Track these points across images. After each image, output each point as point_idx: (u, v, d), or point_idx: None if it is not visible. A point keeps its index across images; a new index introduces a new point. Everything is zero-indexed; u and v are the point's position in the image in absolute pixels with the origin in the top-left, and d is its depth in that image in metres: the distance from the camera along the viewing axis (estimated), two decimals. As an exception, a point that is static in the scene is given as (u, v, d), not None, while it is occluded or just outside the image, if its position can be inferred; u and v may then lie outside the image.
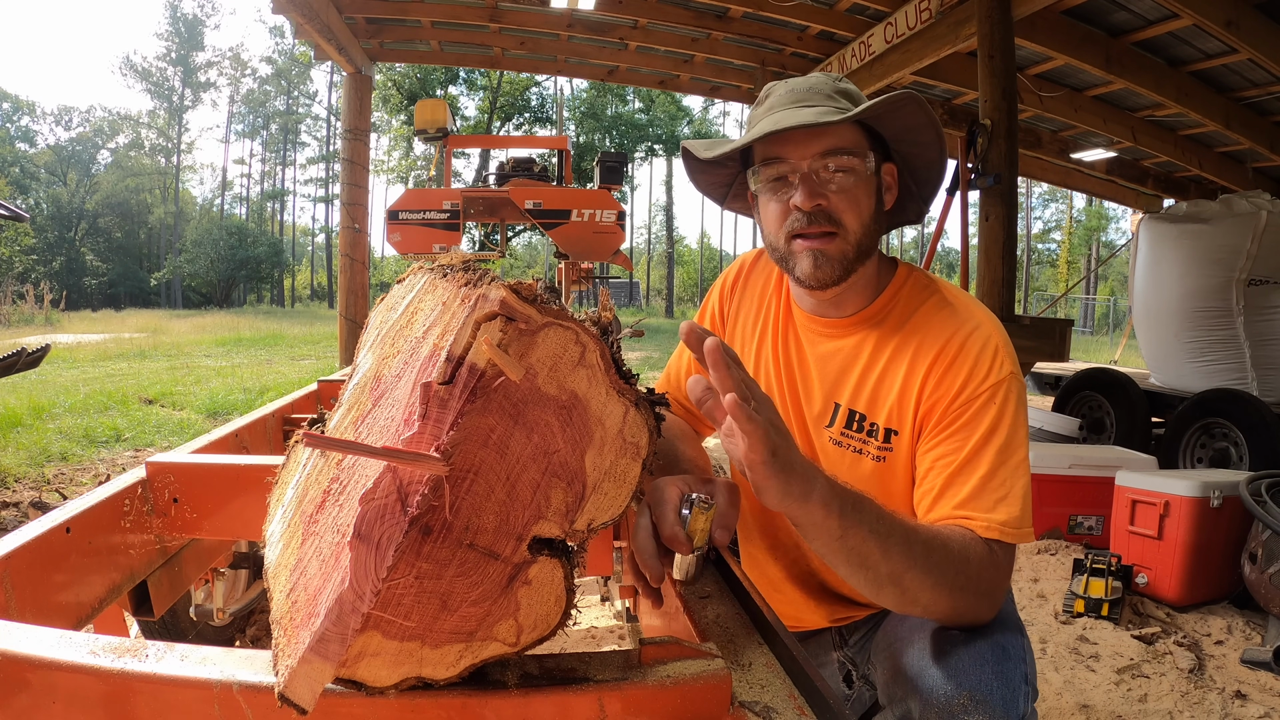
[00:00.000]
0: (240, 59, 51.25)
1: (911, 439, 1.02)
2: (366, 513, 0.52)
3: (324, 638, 0.53)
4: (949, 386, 0.98)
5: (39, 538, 0.94)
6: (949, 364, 0.99)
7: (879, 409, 1.05)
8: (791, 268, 1.04)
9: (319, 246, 51.97)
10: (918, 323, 1.05)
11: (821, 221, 0.99)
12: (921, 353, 1.02)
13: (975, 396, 0.96)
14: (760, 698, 0.65)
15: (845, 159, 0.98)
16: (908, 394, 1.02)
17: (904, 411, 1.02)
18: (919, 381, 1.01)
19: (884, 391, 1.04)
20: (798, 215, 1.00)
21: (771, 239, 1.06)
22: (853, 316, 1.09)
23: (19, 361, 3.89)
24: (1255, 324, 5.10)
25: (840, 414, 1.08)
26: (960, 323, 1.02)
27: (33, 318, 20.02)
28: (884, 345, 1.06)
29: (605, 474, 0.59)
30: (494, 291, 0.53)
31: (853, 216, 1.00)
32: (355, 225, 6.57)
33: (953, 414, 0.97)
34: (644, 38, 6.74)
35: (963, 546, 0.87)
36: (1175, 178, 8.46)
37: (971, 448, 0.94)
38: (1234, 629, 2.89)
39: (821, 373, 1.11)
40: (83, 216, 43.58)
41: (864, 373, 1.07)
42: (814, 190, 0.98)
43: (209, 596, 1.59)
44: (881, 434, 1.04)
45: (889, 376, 1.04)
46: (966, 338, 1.00)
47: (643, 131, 36.54)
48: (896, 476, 1.04)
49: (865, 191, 1.01)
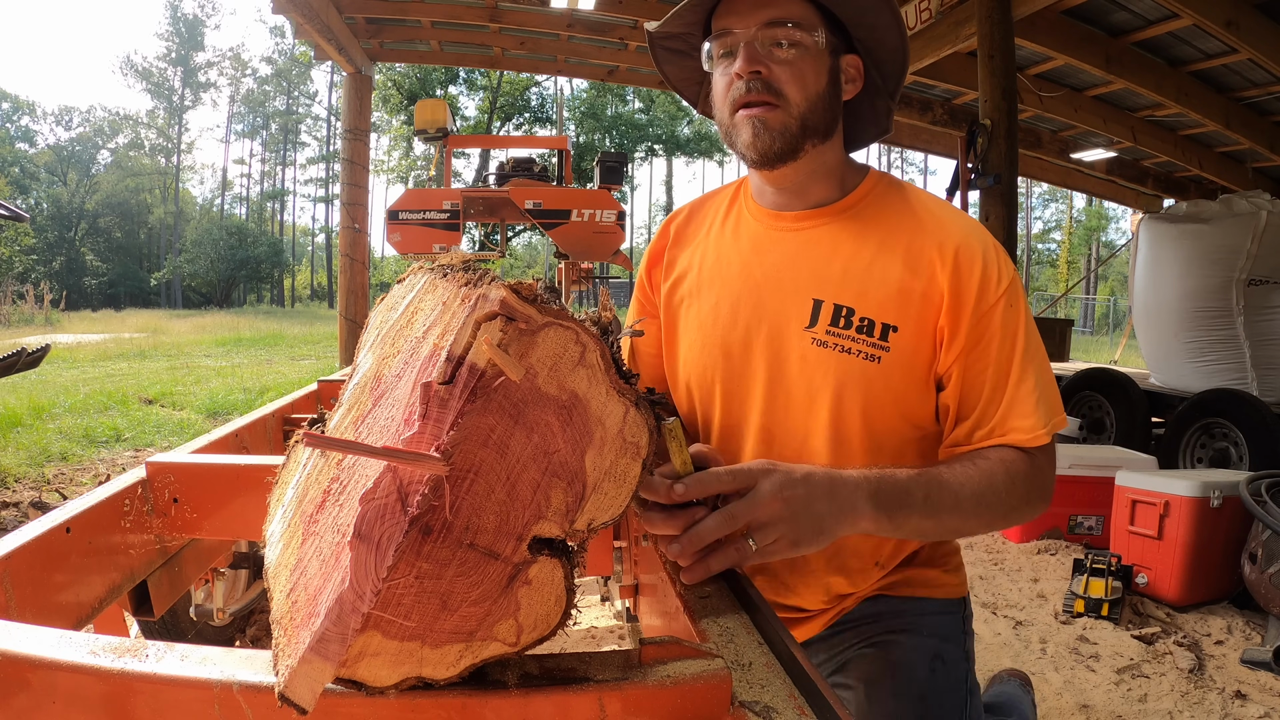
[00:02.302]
0: (240, 59, 51.28)
1: (916, 340, 0.96)
2: (367, 512, 0.52)
3: (324, 638, 0.53)
4: (965, 295, 0.93)
5: (39, 538, 0.94)
6: (955, 268, 0.94)
7: (869, 303, 0.97)
8: (735, 141, 0.99)
9: (319, 246, 52.01)
10: (904, 220, 1.00)
11: (760, 89, 0.95)
12: (917, 251, 0.97)
13: (994, 305, 0.93)
14: (760, 697, 0.65)
15: (790, 30, 0.94)
16: (909, 291, 0.96)
17: (905, 308, 0.96)
18: (922, 282, 0.95)
19: (874, 284, 0.97)
20: (739, 84, 0.96)
21: (719, 115, 1.02)
22: (821, 208, 1.04)
23: (19, 361, 3.89)
24: (1255, 324, 5.11)
25: (824, 311, 0.99)
26: (950, 225, 0.98)
27: (33, 318, 20.03)
28: (866, 236, 1.00)
29: (605, 474, 0.59)
30: (494, 291, 0.53)
31: (796, 88, 0.95)
32: (355, 225, 6.57)
33: (976, 327, 0.94)
34: (644, 38, 6.72)
35: (1009, 475, 0.89)
36: (1175, 178, 8.46)
37: (1002, 360, 0.93)
38: (1234, 629, 2.89)
39: (793, 270, 1.03)
40: (83, 216, 43.58)
41: (847, 265, 1.00)
42: (753, 56, 0.95)
43: (209, 596, 1.59)
44: (877, 330, 0.96)
45: (878, 268, 0.98)
46: (964, 239, 0.96)
47: (643, 131, 36.56)
48: (892, 376, 0.97)
49: (813, 67, 0.96)
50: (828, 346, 0.98)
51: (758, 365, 1.03)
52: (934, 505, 0.85)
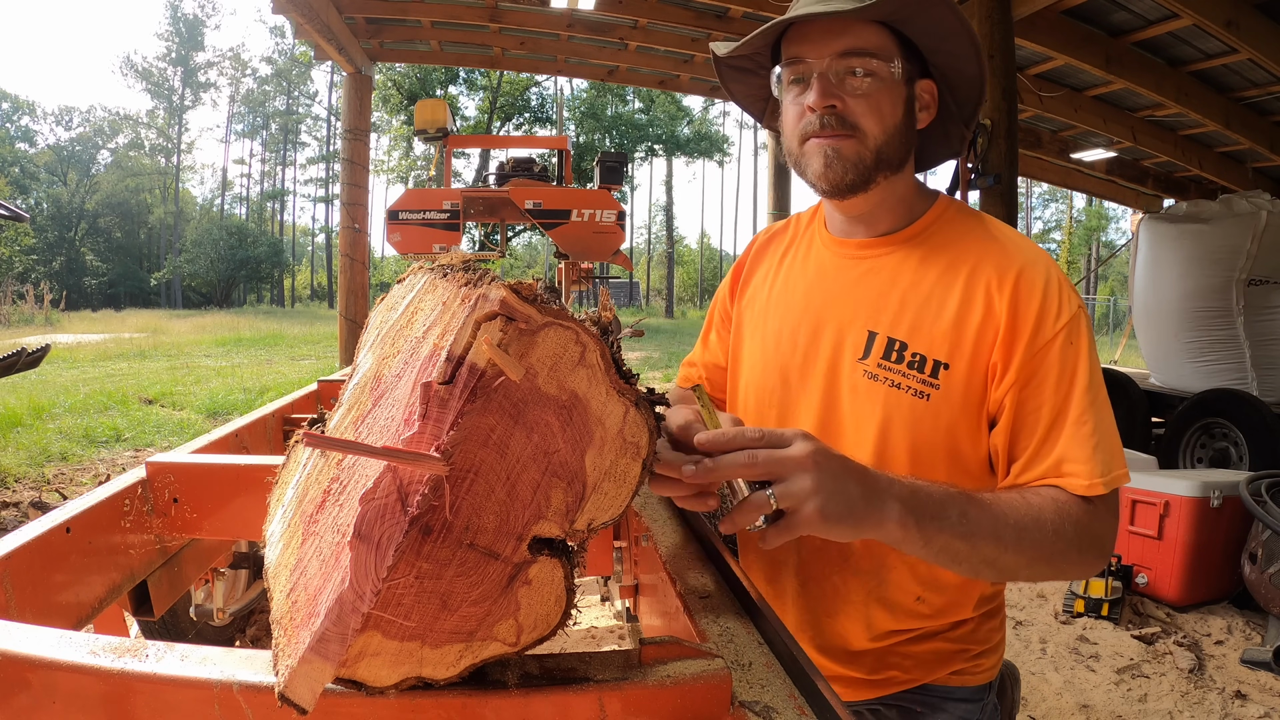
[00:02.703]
0: (240, 59, 51.31)
1: (968, 378, 0.92)
2: (367, 512, 0.52)
3: (324, 638, 0.53)
4: (1021, 326, 0.89)
5: (39, 538, 0.94)
6: (1013, 297, 0.90)
7: (921, 338, 0.94)
8: (804, 170, 0.96)
9: (319, 246, 52.02)
10: (968, 248, 0.96)
11: (835, 125, 0.91)
12: (976, 280, 0.92)
13: (1053, 339, 0.88)
14: (760, 697, 0.65)
15: (867, 60, 0.90)
16: (964, 325, 0.92)
17: (959, 345, 0.92)
18: (978, 314, 0.91)
19: (929, 318, 0.94)
20: (811, 117, 0.92)
21: (788, 144, 0.98)
22: (888, 236, 1.00)
23: (19, 361, 3.90)
24: (1255, 324, 5.11)
25: (877, 343, 0.96)
26: (1014, 252, 0.93)
27: (33, 318, 20.03)
28: (927, 267, 0.96)
29: (605, 474, 0.59)
30: (494, 291, 0.53)
31: (872, 120, 0.91)
32: (355, 225, 6.57)
33: (1031, 362, 0.89)
34: (644, 38, 6.74)
35: (1058, 515, 0.83)
36: (1175, 178, 8.46)
37: (1059, 397, 0.87)
38: (1234, 629, 2.89)
39: (853, 299, 1.00)
40: (83, 216, 43.60)
41: (904, 297, 0.96)
42: (828, 89, 0.91)
43: (209, 596, 1.59)
44: (928, 367, 0.93)
45: (935, 302, 0.94)
46: (1026, 269, 0.91)
47: (643, 131, 36.54)
48: (940, 416, 0.93)
49: (889, 99, 0.92)
50: (878, 380, 0.96)
51: (812, 393, 1.01)
52: (969, 526, 0.79)
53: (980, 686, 1.05)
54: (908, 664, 1.02)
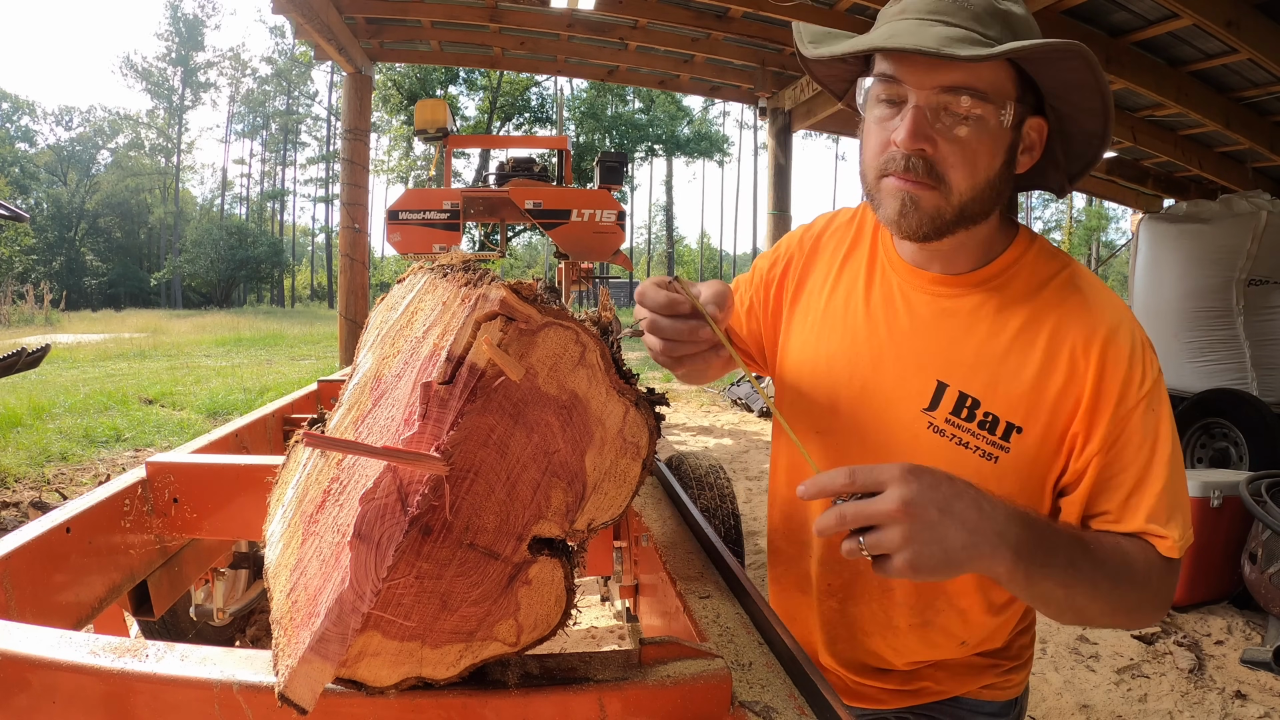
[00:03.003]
0: (240, 59, 51.33)
1: (1041, 444, 0.86)
2: (367, 512, 0.52)
3: (324, 638, 0.53)
4: (1106, 396, 0.83)
5: (39, 538, 0.94)
6: (1100, 366, 0.83)
7: (998, 398, 0.87)
8: (876, 205, 0.86)
9: (319, 246, 52.04)
10: (1049, 300, 0.88)
11: (919, 172, 0.80)
12: (1059, 341, 0.85)
13: (1134, 407, 0.83)
14: (760, 698, 0.65)
15: (973, 103, 0.78)
16: (1044, 389, 0.85)
17: (1036, 409, 0.86)
18: (1060, 378, 0.85)
19: (1006, 378, 0.87)
20: (894, 154, 0.81)
21: (863, 168, 0.88)
22: (967, 275, 0.91)
23: (19, 361, 3.90)
24: (1255, 324, 5.11)
25: (946, 397, 0.89)
26: (1100, 312, 0.86)
27: (33, 318, 20.03)
28: (1007, 319, 0.88)
29: (605, 474, 0.59)
30: (494, 291, 0.53)
31: (962, 175, 0.80)
32: (355, 225, 6.57)
33: (1113, 429, 0.83)
34: (644, 38, 6.74)
35: (1146, 571, 0.81)
36: (1175, 178, 8.46)
37: (1139, 462, 0.83)
38: (1234, 629, 2.89)
39: (922, 341, 0.92)
40: (83, 216, 43.61)
41: (980, 349, 0.89)
42: (920, 130, 0.79)
43: (209, 596, 1.59)
44: (1000, 429, 0.86)
45: (1014, 360, 0.87)
46: (1113, 334, 0.84)
47: (643, 131, 36.56)
48: (1005, 480, 0.86)
49: (989, 148, 0.80)
50: (944, 436, 0.89)
51: (865, 431, 0.94)
52: (1073, 575, 0.75)
53: (1009, 701, 1.03)
54: (941, 676, 1.00)
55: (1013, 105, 0.80)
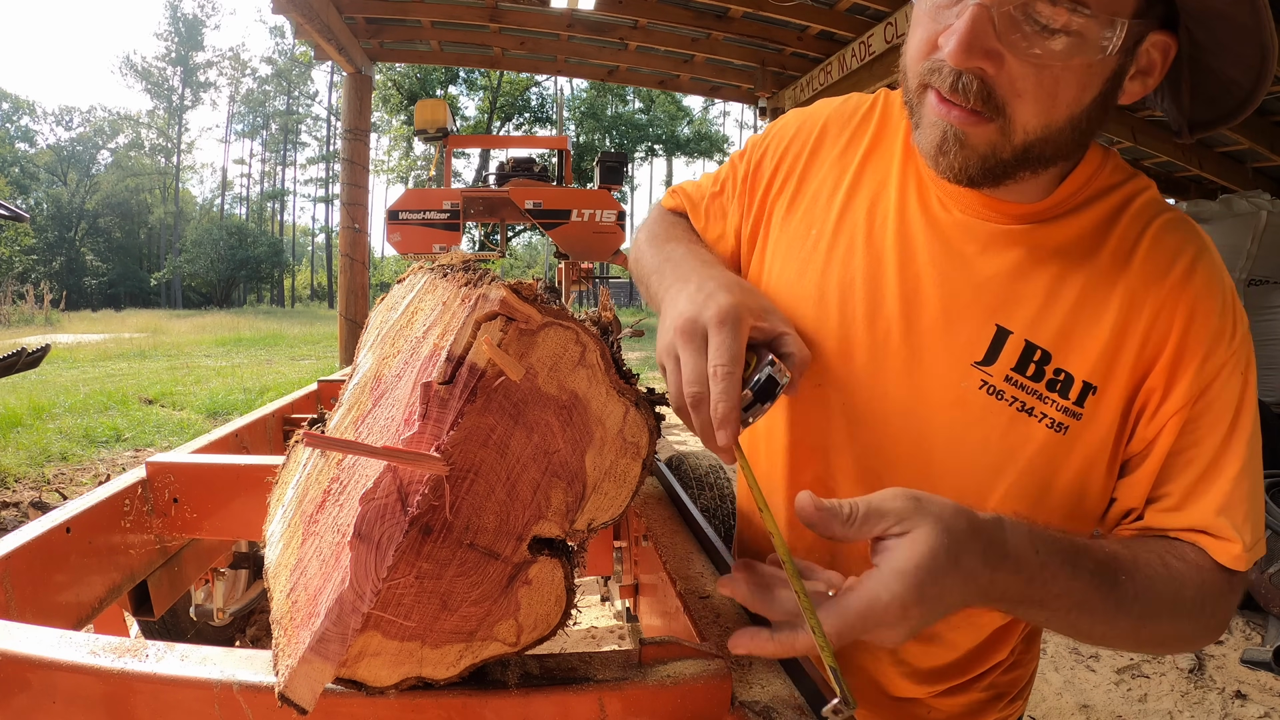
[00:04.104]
0: (240, 59, 51.38)
1: (1120, 408, 0.69)
2: (367, 512, 0.52)
3: (324, 638, 0.53)
4: (1192, 347, 0.67)
5: (39, 538, 0.94)
6: (1190, 310, 0.67)
7: (1071, 351, 0.69)
8: (915, 122, 0.68)
9: (319, 246, 52.05)
10: (1130, 228, 0.70)
11: (972, 97, 0.60)
12: (1145, 280, 0.68)
13: (1225, 362, 0.67)
14: (760, 697, 0.65)
15: (1069, 13, 0.57)
16: (1124, 340, 0.68)
17: (1115, 366, 0.68)
18: (1142, 328, 0.68)
19: (1082, 326, 0.69)
20: (942, 64, 0.61)
21: (905, 64, 0.68)
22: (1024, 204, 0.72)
23: (19, 361, 3.90)
24: (1255, 324, 5.09)
25: (1009, 347, 0.70)
26: (1187, 241, 0.69)
27: (33, 318, 20.04)
28: (1082, 253, 0.70)
29: (605, 474, 0.59)
30: (494, 291, 0.53)
31: (1033, 109, 0.60)
32: (355, 225, 6.57)
33: (1199, 384, 0.67)
34: (644, 38, 6.75)
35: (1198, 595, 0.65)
36: (1175, 178, 8.46)
37: (1221, 438, 0.67)
38: (1234, 629, 2.89)
39: (971, 274, 0.72)
40: (83, 216, 43.64)
41: (1051, 290, 0.70)
42: (978, 40, 0.58)
43: (209, 596, 1.59)
44: (1075, 390, 0.69)
45: (1091, 305, 0.69)
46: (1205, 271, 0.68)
47: (643, 131, 36.57)
48: (1074, 455, 0.70)
49: (1079, 77, 0.60)
50: (1004, 399, 0.70)
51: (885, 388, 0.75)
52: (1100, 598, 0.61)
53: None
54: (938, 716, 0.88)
55: (1126, 23, 0.58)
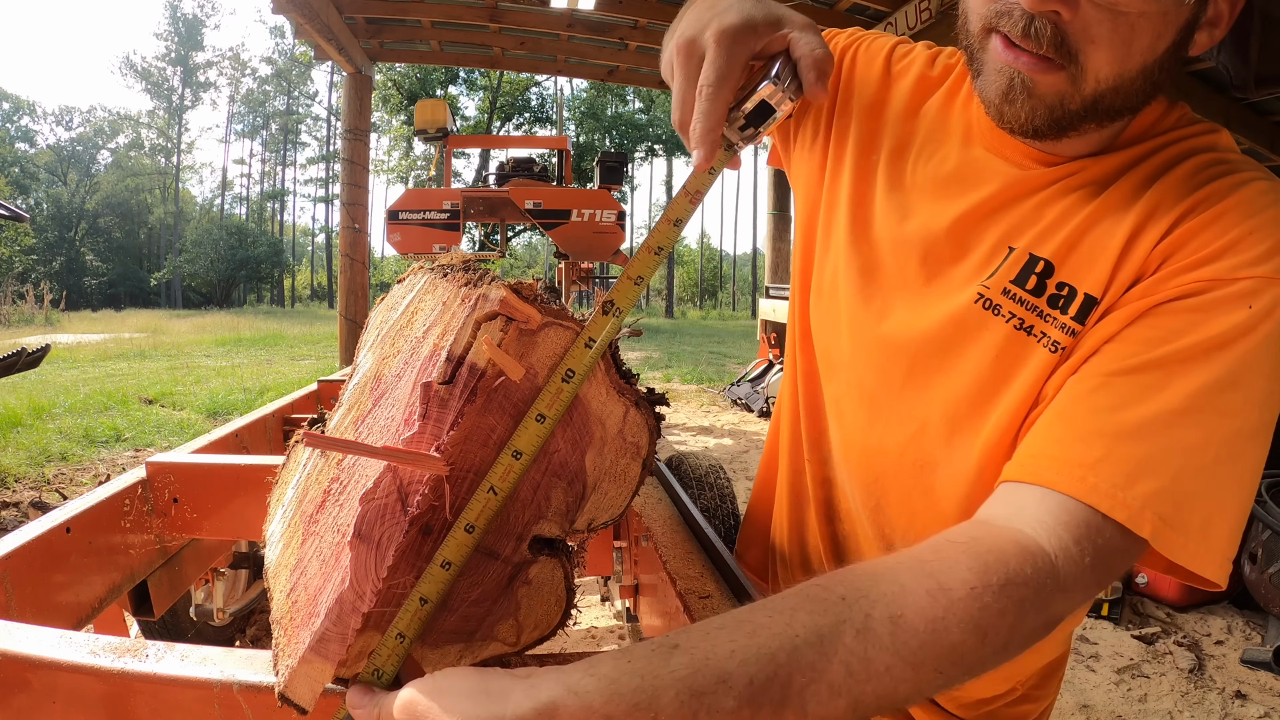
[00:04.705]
0: (240, 59, 51.36)
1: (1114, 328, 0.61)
2: (367, 512, 0.52)
3: (324, 637, 0.53)
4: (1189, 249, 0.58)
5: (39, 538, 0.94)
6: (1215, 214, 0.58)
7: (1076, 261, 0.63)
8: (977, 71, 0.63)
9: (319, 246, 52.05)
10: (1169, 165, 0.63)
11: (1045, 43, 0.56)
12: (1169, 197, 0.61)
13: (1219, 280, 0.56)
14: (760, 698, 0.65)
15: None
16: (1131, 251, 0.61)
17: (1116, 274, 0.61)
18: (1154, 233, 0.60)
19: (1091, 239, 0.63)
20: (1013, 7, 0.57)
21: (966, 13, 0.63)
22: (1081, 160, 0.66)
23: (19, 361, 3.90)
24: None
25: (1011, 261, 0.66)
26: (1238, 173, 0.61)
27: (33, 318, 20.04)
28: (1111, 178, 0.64)
29: (605, 474, 0.59)
30: (494, 291, 0.53)
31: (1107, 56, 0.56)
32: (355, 225, 6.57)
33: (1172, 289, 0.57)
34: (644, 38, 6.75)
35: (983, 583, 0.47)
36: (1175, 178, 8.47)
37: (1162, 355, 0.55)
38: (1234, 629, 2.89)
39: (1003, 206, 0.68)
40: (83, 216, 43.66)
41: (1067, 211, 0.65)
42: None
43: (209, 596, 1.59)
44: (1076, 304, 0.62)
45: (1107, 223, 0.62)
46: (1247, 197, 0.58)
47: (643, 131, 36.56)
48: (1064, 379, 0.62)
49: (1155, 24, 0.55)
50: (1000, 314, 0.65)
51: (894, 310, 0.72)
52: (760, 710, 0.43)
53: None
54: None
55: None
